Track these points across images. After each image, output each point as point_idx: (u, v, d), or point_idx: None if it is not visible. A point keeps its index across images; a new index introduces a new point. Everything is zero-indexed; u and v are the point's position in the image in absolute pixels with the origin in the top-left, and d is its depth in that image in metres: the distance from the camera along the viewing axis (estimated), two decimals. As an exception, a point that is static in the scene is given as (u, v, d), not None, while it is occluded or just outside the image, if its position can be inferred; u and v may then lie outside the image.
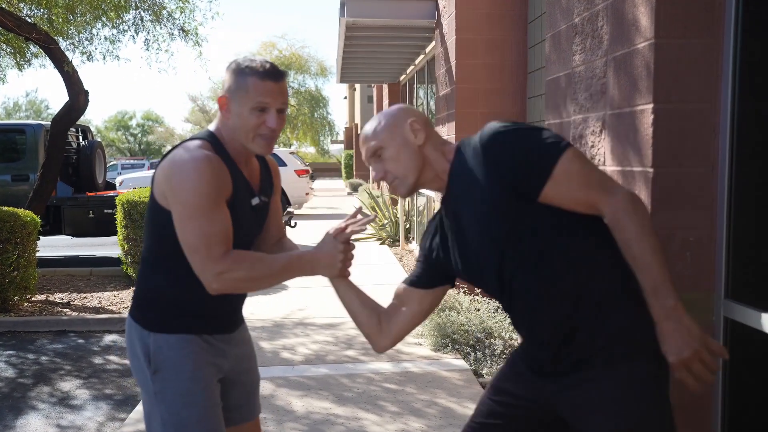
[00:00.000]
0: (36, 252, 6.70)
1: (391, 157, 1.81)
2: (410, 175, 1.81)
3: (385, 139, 1.81)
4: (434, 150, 1.82)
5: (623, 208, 1.58)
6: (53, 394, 4.47)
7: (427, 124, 1.85)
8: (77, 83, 7.56)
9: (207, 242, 1.82)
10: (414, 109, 1.89)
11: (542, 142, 1.64)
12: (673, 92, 2.28)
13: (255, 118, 1.91)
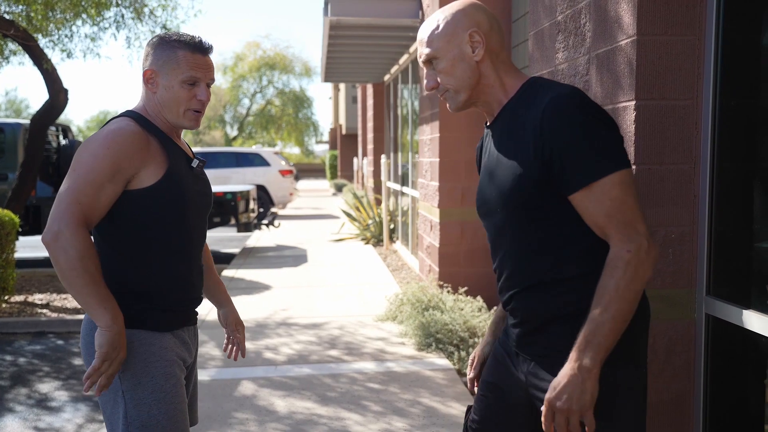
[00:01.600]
0: (15, 252, 6.60)
1: (445, 69, 1.64)
2: (463, 91, 1.66)
3: (441, 48, 1.64)
4: (494, 72, 1.65)
5: (628, 260, 1.46)
6: (31, 396, 4.40)
7: (493, 33, 1.65)
8: (57, 81, 7.46)
9: (74, 195, 1.76)
10: (481, 9, 1.67)
11: (603, 148, 1.49)
12: (655, 89, 2.28)
13: (185, 91, 1.91)
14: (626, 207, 1.48)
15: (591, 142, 1.49)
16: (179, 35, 1.94)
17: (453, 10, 1.66)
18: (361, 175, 19.97)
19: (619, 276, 1.45)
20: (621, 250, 1.47)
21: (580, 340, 1.47)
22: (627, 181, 1.49)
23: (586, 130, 1.49)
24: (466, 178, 6.27)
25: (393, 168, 11.14)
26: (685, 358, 2.34)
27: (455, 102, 1.68)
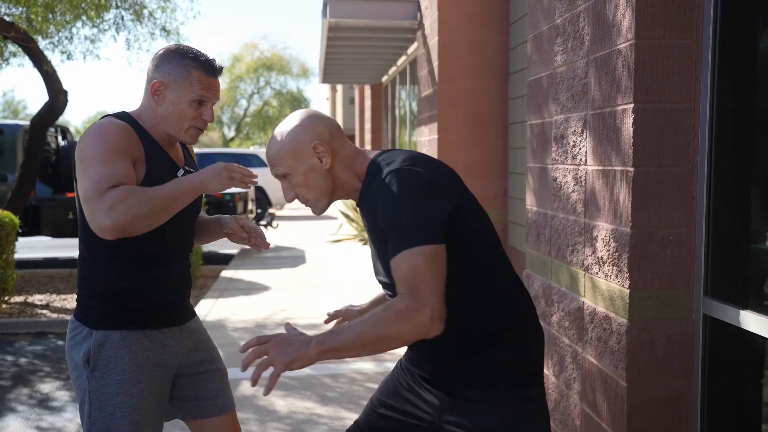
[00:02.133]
0: (14, 253, 6.62)
1: (300, 183, 1.73)
2: (323, 198, 1.75)
3: (291, 165, 1.72)
4: (345, 169, 1.74)
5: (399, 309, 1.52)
6: (33, 396, 4.42)
7: (334, 138, 1.73)
8: (56, 83, 7.48)
9: (97, 186, 1.76)
10: (317, 119, 1.74)
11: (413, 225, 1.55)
12: (653, 92, 2.31)
13: (192, 110, 1.94)
14: (422, 277, 1.53)
15: (404, 218, 1.55)
16: (194, 53, 1.95)
17: (292, 127, 1.73)
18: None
19: (385, 313, 1.52)
20: (399, 303, 1.52)
21: (329, 330, 1.58)
22: (430, 256, 1.53)
23: (401, 207, 1.56)
24: (465, 180, 6.30)
25: (391, 169, 11.15)
26: (683, 358, 2.37)
27: (318, 208, 1.78)
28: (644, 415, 2.38)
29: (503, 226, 6.33)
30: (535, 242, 3.33)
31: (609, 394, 2.50)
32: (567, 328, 2.89)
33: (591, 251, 2.65)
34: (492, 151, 6.31)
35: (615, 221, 2.45)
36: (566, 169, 2.90)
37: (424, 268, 1.53)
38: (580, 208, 2.76)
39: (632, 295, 2.35)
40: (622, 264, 2.39)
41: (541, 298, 3.23)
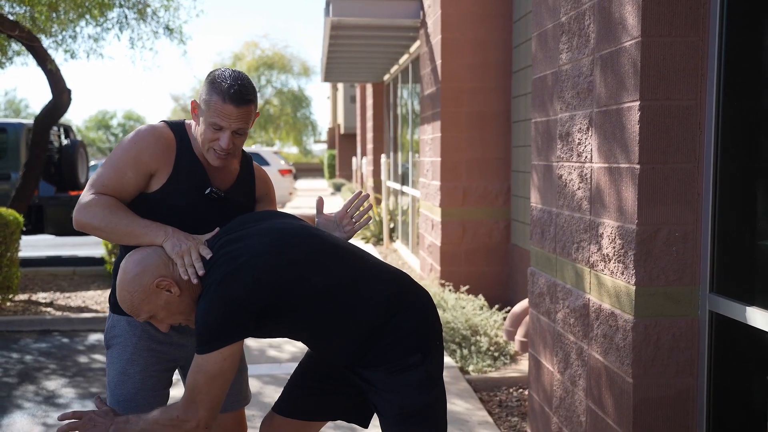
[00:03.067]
0: (18, 251, 6.64)
1: (165, 317, 1.89)
2: (191, 313, 1.91)
3: (150, 309, 1.87)
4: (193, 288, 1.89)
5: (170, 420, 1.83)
6: (39, 393, 4.44)
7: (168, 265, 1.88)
8: (60, 81, 7.49)
9: (93, 183, 1.99)
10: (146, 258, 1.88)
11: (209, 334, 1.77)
12: (660, 90, 2.32)
13: (210, 132, 1.99)
14: (198, 389, 1.80)
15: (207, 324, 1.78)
16: (221, 79, 1.97)
17: (131, 278, 1.86)
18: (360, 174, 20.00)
19: (160, 419, 1.84)
20: (175, 412, 1.83)
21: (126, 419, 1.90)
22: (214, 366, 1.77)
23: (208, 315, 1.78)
24: (467, 177, 6.32)
25: (393, 167, 11.18)
26: (688, 355, 2.39)
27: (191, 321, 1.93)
28: (650, 412, 2.39)
29: (506, 224, 6.35)
30: (539, 240, 3.34)
31: (615, 390, 2.51)
32: (572, 325, 2.90)
33: (596, 248, 2.66)
34: (495, 149, 6.32)
35: (621, 218, 2.46)
36: (571, 167, 2.91)
37: (205, 378, 1.78)
38: (585, 205, 2.77)
39: (638, 291, 2.36)
40: (628, 261, 2.40)
41: (546, 295, 3.24)
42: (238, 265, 1.80)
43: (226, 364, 1.77)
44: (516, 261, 6.14)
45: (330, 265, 1.88)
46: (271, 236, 1.88)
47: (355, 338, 1.86)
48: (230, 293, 1.76)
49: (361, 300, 1.87)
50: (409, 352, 1.86)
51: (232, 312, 1.75)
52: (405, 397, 1.84)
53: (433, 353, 1.91)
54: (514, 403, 4.06)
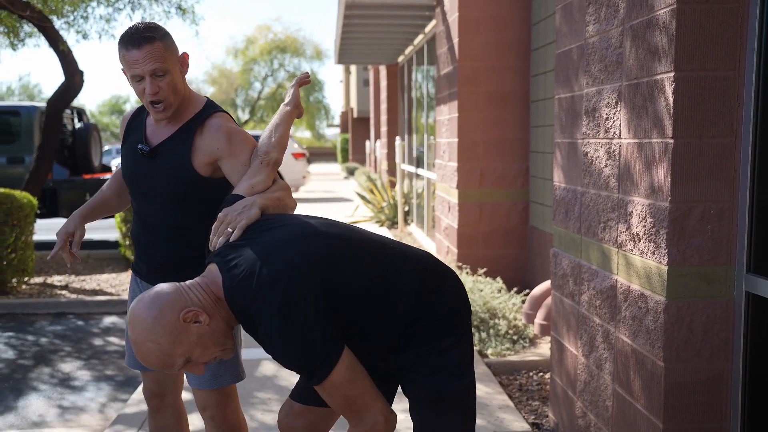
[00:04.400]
0: (33, 234, 6.62)
1: (200, 354, 1.66)
2: (227, 340, 1.71)
3: (183, 352, 1.62)
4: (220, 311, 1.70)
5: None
6: (54, 375, 4.41)
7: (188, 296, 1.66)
8: (72, 63, 7.43)
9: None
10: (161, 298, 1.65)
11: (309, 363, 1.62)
12: (695, 60, 2.21)
13: (136, 87, 2.00)
14: (352, 400, 1.67)
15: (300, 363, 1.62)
16: (125, 31, 2.00)
17: (150, 327, 1.60)
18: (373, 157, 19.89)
19: None
20: (357, 430, 1.71)
21: None
22: (342, 377, 1.63)
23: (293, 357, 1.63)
24: (484, 158, 6.21)
25: (407, 150, 11.07)
26: (723, 337, 2.29)
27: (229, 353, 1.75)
28: (682, 396, 2.30)
29: (524, 206, 6.24)
30: (563, 220, 3.24)
31: (644, 374, 2.42)
32: (598, 307, 2.81)
33: (625, 227, 2.56)
34: (513, 129, 6.19)
35: (652, 196, 2.36)
36: (598, 144, 2.81)
37: (348, 388, 1.64)
38: (613, 183, 2.67)
39: (670, 272, 2.27)
40: (660, 240, 2.31)
41: (569, 276, 3.15)
42: (284, 285, 1.62)
43: (348, 365, 1.65)
44: (534, 243, 6.04)
45: (368, 258, 1.77)
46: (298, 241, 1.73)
47: (396, 326, 1.77)
48: (296, 319, 1.59)
49: (401, 288, 1.77)
50: (443, 335, 1.78)
51: (311, 330, 1.60)
52: (439, 381, 1.77)
53: (465, 335, 1.84)
54: (534, 387, 3.98)
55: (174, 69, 2.00)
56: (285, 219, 1.85)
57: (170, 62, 1.98)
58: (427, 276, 1.82)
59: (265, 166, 2.03)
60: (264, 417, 3.45)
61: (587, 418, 2.94)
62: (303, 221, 1.83)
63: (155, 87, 1.96)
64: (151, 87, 1.96)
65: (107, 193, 2.40)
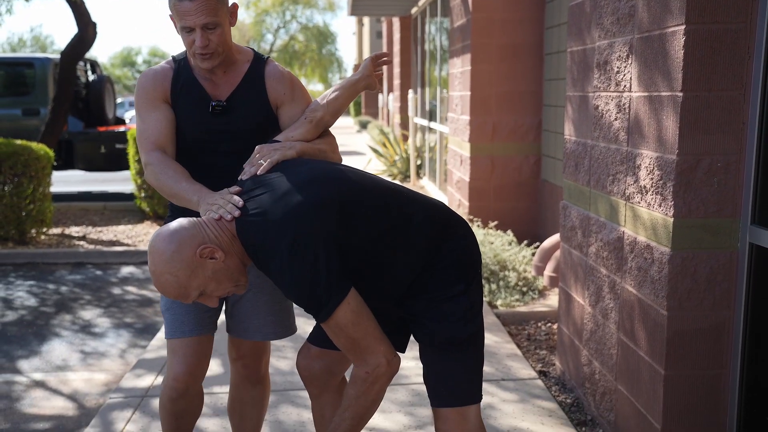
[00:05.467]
0: (50, 186, 6.72)
1: (215, 288, 1.73)
2: (241, 276, 1.78)
3: (199, 284, 1.70)
4: (235, 248, 1.75)
5: (364, 378, 1.75)
6: (75, 322, 4.56)
7: (205, 232, 1.72)
8: (85, 14, 7.43)
9: (139, 137, 2.09)
10: (180, 232, 1.69)
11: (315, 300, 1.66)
12: (707, 12, 2.21)
13: (186, 38, 1.99)
14: (356, 340, 1.72)
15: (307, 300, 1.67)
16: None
17: (169, 257, 1.67)
18: (386, 111, 19.79)
19: (356, 390, 1.77)
20: (360, 371, 1.75)
21: (329, 427, 1.85)
22: (346, 316, 1.68)
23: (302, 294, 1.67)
24: (497, 112, 6.20)
25: (420, 103, 11.02)
26: (726, 287, 2.34)
27: (242, 288, 1.81)
28: (684, 344, 2.37)
29: (536, 159, 6.25)
30: (573, 173, 3.28)
31: (648, 323, 2.49)
32: (605, 258, 2.87)
33: (633, 180, 2.60)
34: (526, 82, 6.17)
35: (660, 149, 2.39)
36: (609, 97, 2.82)
37: (352, 329, 1.69)
38: (622, 136, 2.70)
39: (676, 224, 2.31)
40: (667, 192, 2.34)
41: (578, 228, 3.20)
42: (296, 225, 1.66)
43: (354, 307, 1.69)
44: (546, 197, 6.07)
45: (381, 204, 1.81)
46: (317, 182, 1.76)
47: (407, 272, 1.81)
48: (305, 258, 1.63)
49: (413, 234, 1.81)
50: (453, 282, 1.83)
51: (319, 269, 1.64)
52: (448, 327, 1.82)
53: (475, 283, 1.88)
54: (542, 336, 4.07)
55: (224, 22, 2.00)
56: (311, 162, 1.89)
57: (221, 15, 1.98)
58: (438, 224, 1.86)
59: (308, 122, 2.06)
60: (279, 363, 3.57)
61: (592, 366, 3.03)
62: (325, 165, 1.86)
63: (205, 40, 1.96)
64: (201, 40, 1.95)
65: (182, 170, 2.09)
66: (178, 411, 2.17)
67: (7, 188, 6.26)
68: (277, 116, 2.15)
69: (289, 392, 3.25)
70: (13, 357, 3.95)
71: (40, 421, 3.19)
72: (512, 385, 3.32)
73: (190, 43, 1.98)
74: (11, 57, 9.47)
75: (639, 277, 2.56)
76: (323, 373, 2.09)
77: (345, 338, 1.71)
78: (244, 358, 2.27)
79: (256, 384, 2.32)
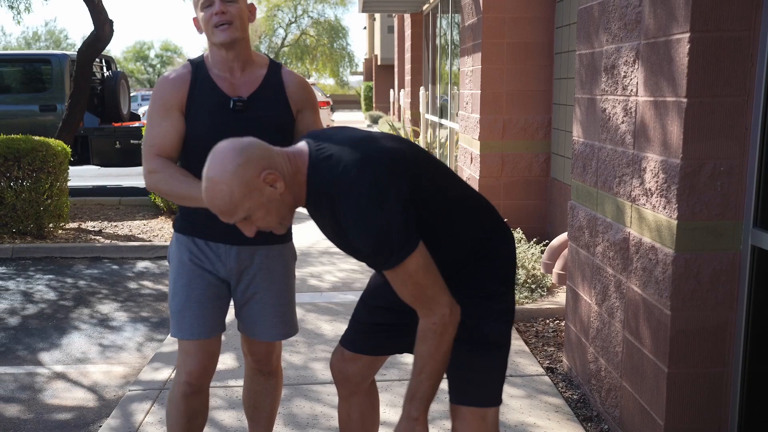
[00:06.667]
0: (67, 181, 6.84)
1: (263, 216, 1.66)
2: (287, 218, 1.71)
3: (250, 207, 1.62)
4: (292, 184, 1.69)
5: (434, 330, 1.70)
6: (93, 316, 4.67)
7: (273, 158, 1.64)
8: (102, 12, 7.53)
9: (146, 143, 2.13)
10: (250, 147, 1.64)
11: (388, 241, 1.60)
12: (711, 21, 2.27)
13: (206, 13, 2.08)
14: (423, 288, 1.68)
15: (377, 244, 1.61)
16: None
17: (233, 168, 1.60)
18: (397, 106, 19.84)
19: (429, 345, 1.72)
20: (428, 322, 1.71)
21: (407, 394, 1.78)
22: (416, 264, 1.65)
23: (371, 236, 1.60)
24: (507, 110, 6.26)
25: (431, 100, 11.08)
26: (728, 288, 2.41)
27: (284, 227, 1.74)
28: (687, 343, 2.44)
29: (546, 158, 6.31)
30: (581, 173, 3.34)
31: (652, 322, 2.56)
32: (611, 258, 2.93)
33: (639, 182, 2.66)
34: (536, 81, 6.22)
35: (665, 152, 2.45)
36: (616, 100, 2.89)
37: (422, 276, 1.66)
38: (629, 139, 2.76)
39: (680, 226, 2.38)
40: (671, 195, 2.41)
41: (585, 228, 3.27)
42: (374, 167, 1.61)
43: (424, 254, 1.66)
44: (555, 195, 6.13)
45: (445, 174, 1.78)
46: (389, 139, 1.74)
47: (458, 257, 1.80)
48: (383, 200, 1.59)
49: (469, 216, 1.80)
50: (499, 281, 1.84)
51: (396, 214, 1.59)
52: (486, 325, 1.82)
53: (512, 291, 1.89)
54: (550, 333, 4.14)
55: (243, 3, 2.11)
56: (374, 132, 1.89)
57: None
58: (489, 218, 1.86)
59: None
60: (291, 357, 3.66)
61: (598, 363, 3.10)
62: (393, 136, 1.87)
63: (224, 7, 2.05)
64: (220, 6, 2.04)
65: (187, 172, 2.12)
66: (192, 410, 2.24)
67: (25, 183, 6.39)
68: (295, 120, 2.22)
69: (302, 386, 3.34)
70: (35, 349, 4.07)
71: (62, 411, 3.29)
72: (520, 381, 3.39)
73: (209, 18, 2.06)
74: (28, 54, 9.61)
75: (644, 278, 2.62)
76: (356, 376, 2.10)
77: (413, 286, 1.67)
78: (256, 354, 2.35)
79: (269, 376, 2.41)
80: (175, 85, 2.12)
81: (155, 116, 2.11)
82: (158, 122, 2.11)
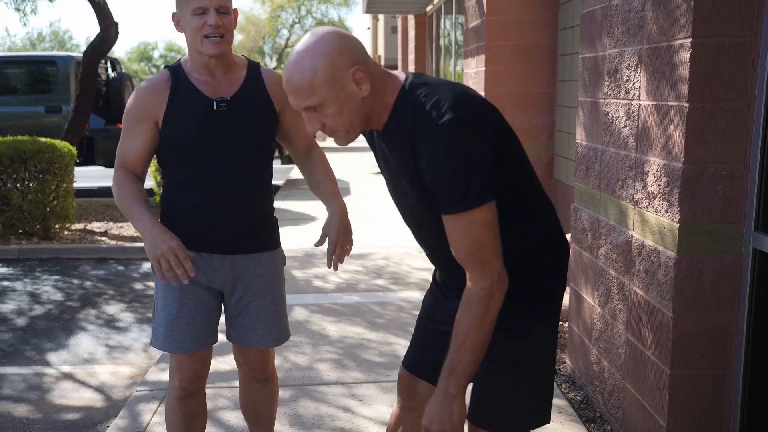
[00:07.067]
0: (73, 182, 6.89)
1: (333, 113, 1.53)
2: (354, 129, 1.58)
3: (325, 95, 1.51)
4: (377, 98, 1.58)
5: (482, 296, 1.57)
6: (99, 317, 4.71)
7: (367, 61, 1.55)
8: (107, 15, 7.58)
9: (117, 153, 2.17)
10: (350, 40, 1.54)
11: (466, 186, 1.50)
12: (713, 26, 2.29)
13: (197, 20, 2.04)
14: (483, 246, 1.54)
15: (455, 179, 1.50)
16: None
17: (326, 50, 1.50)
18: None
19: (474, 313, 1.57)
20: (476, 287, 1.57)
21: (444, 368, 1.62)
22: (485, 218, 1.53)
23: (451, 168, 1.50)
24: (511, 112, 6.28)
25: (435, 101, 11.06)
26: (730, 291, 2.43)
27: (347, 139, 1.61)
28: (689, 345, 2.46)
29: (549, 159, 6.33)
30: (584, 176, 3.36)
31: (655, 324, 2.58)
32: (614, 260, 2.96)
33: (641, 186, 2.69)
34: (540, 83, 6.24)
35: (667, 156, 2.48)
36: (619, 104, 2.91)
37: (485, 232, 1.54)
38: (631, 142, 2.78)
39: (682, 229, 2.40)
40: (673, 198, 2.43)
41: (588, 231, 3.29)
42: (467, 107, 1.52)
43: (494, 211, 1.54)
44: (559, 197, 6.15)
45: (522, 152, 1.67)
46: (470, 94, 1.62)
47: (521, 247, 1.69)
48: (470, 139, 1.49)
49: (543, 204, 1.71)
50: (545, 297, 1.72)
51: (482, 158, 1.51)
52: (530, 344, 1.70)
53: (558, 312, 1.75)
54: (553, 335, 4.16)
55: (232, 13, 2.10)
56: None
57: (231, 4, 2.09)
58: (554, 221, 1.76)
59: None
60: (297, 358, 3.69)
61: (601, 364, 3.13)
62: None
63: (219, 20, 2.04)
64: (215, 19, 2.02)
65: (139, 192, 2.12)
66: (189, 412, 2.26)
67: (32, 185, 6.43)
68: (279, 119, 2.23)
69: (307, 387, 3.37)
70: (43, 350, 4.10)
71: (70, 411, 3.33)
72: (523, 382, 3.41)
73: (200, 26, 2.02)
74: (34, 55, 9.66)
75: (646, 280, 2.65)
76: (429, 391, 1.99)
77: (473, 240, 1.54)
78: (251, 363, 2.33)
79: (265, 383, 2.40)
80: (151, 95, 2.09)
81: (127, 125, 2.12)
82: (128, 133, 2.12)
